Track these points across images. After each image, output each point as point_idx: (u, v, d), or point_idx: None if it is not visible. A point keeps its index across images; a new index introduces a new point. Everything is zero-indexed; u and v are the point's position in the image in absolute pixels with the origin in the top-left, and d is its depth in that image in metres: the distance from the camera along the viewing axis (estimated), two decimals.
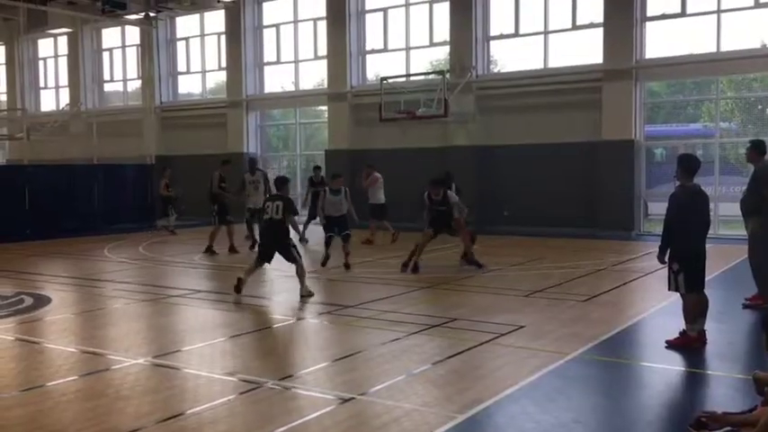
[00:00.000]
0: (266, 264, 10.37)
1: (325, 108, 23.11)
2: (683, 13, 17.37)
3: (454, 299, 9.70)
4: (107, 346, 7.43)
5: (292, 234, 10.33)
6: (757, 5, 16.54)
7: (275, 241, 10.24)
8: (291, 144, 25.22)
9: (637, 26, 17.66)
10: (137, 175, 22.61)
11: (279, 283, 11.07)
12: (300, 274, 10.13)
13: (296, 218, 10.54)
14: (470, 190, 19.52)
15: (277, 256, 10.15)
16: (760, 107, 21.85)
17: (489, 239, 17.14)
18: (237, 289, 9.86)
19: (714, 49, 17.03)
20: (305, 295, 9.97)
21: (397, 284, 10.80)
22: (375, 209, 16.85)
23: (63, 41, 28.91)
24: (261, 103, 24.45)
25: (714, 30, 16.95)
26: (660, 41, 17.78)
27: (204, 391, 5.78)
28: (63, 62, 29.21)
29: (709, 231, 7.26)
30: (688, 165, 7.02)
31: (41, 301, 9.85)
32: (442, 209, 12.35)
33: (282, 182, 10.77)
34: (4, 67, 30.96)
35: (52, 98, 30.24)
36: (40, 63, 30.55)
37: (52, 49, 29.87)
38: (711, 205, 7.46)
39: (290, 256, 10.15)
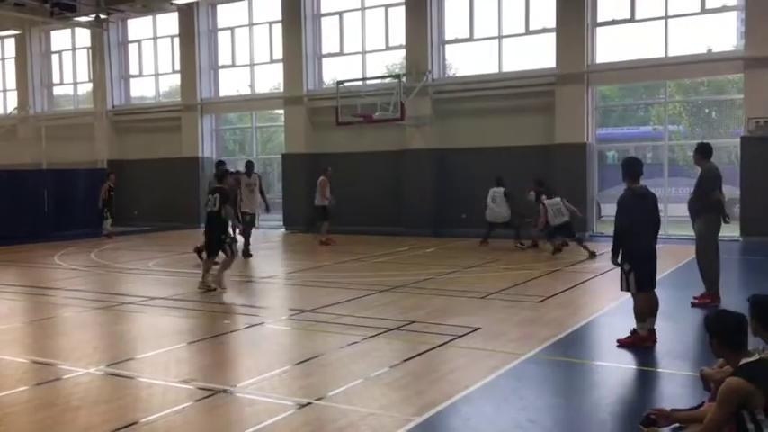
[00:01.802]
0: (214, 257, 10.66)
1: (281, 112, 22.99)
2: (632, 19, 17.78)
3: (411, 302, 9.74)
4: (57, 356, 7.26)
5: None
6: (704, 11, 17.02)
7: (212, 234, 10.54)
8: (248, 148, 25.02)
9: (588, 31, 18.01)
10: (88, 181, 22.15)
11: (235, 288, 10.96)
12: (222, 268, 10.46)
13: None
14: (427, 193, 19.73)
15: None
16: (707, 110, 22.49)
17: (446, 242, 17.29)
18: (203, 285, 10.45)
19: (662, 54, 17.46)
20: (200, 288, 10.43)
21: (353, 288, 10.80)
22: (319, 210, 17.01)
23: (10, 43, 28.18)
24: (216, 107, 24.19)
25: (662, 35, 17.39)
26: (611, 46, 18.18)
27: (158, 400, 5.69)
28: (10, 65, 28.48)
29: (660, 232, 7.44)
30: (630, 168, 7.19)
31: None
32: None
33: (222, 174, 11.02)
34: None
35: None
36: None
37: None
38: (660, 206, 7.65)
39: (222, 249, 10.50)
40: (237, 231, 12.61)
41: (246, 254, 14.52)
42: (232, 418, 5.27)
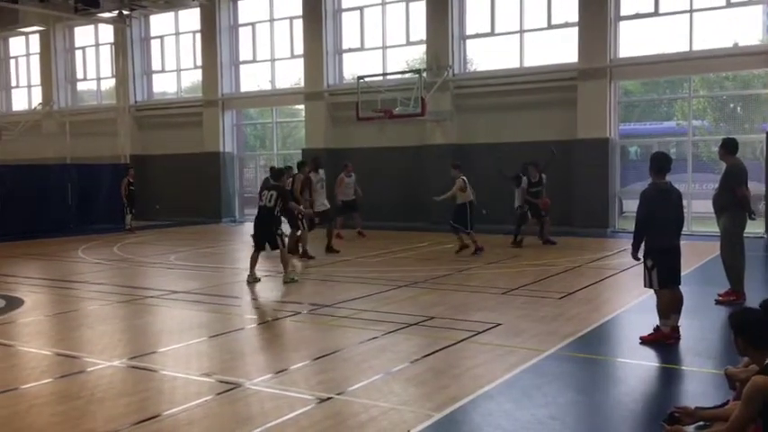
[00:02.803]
0: (261, 251, 11.17)
1: (301, 107, 23.04)
2: (656, 13, 17.58)
3: (431, 297, 9.73)
4: (81, 349, 7.34)
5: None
6: (729, 5, 16.78)
7: (264, 228, 11.00)
8: (268, 143, 25.11)
9: (611, 25, 17.83)
10: (111, 175, 22.34)
11: (257, 282, 11.01)
12: (284, 261, 10.90)
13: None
14: (448, 188, 19.61)
15: None
16: (732, 105, 22.19)
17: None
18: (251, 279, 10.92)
19: (687, 48, 17.25)
20: (286, 281, 10.74)
21: (374, 283, 10.80)
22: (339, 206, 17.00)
23: (35, 40, 28.50)
24: (237, 102, 24.30)
25: (687, 29, 17.17)
26: (634, 41, 17.98)
27: (180, 393, 5.74)
28: (35, 61, 28.80)
29: (683, 228, 7.36)
30: (658, 163, 7.11)
31: (14, 303, 9.71)
32: (539, 189, 14.84)
33: (279, 173, 11.75)
34: None
35: (24, 97, 29.79)
36: (12, 62, 30.09)
37: (24, 47, 29.44)
38: (684, 202, 7.56)
39: (275, 243, 10.94)
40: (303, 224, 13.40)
41: (306, 254, 13.56)
42: (253, 411, 5.29)
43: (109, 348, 7.23)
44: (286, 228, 12.35)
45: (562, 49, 18.49)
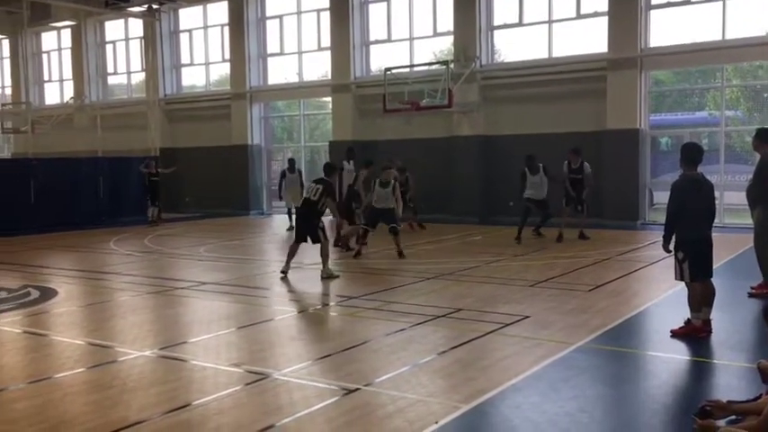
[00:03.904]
0: (302, 243, 11.04)
1: (329, 99, 23.09)
2: (688, 1, 17.29)
3: (459, 289, 9.71)
4: (114, 339, 7.47)
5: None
6: None
7: (306, 221, 10.93)
8: (296, 135, 25.22)
9: (641, 14, 17.56)
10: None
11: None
12: (324, 254, 10.73)
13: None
14: (475, 180, 19.60)
15: None
16: (766, 95, 21.71)
17: (494, 230, 17.17)
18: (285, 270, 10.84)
19: (719, 37, 16.93)
20: (324, 276, 10.58)
21: (401, 275, 10.81)
22: None
23: (66, 34, 28.91)
24: (265, 95, 24.43)
25: (719, 17, 16.85)
26: (665, 30, 17.69)
27: (210, 383, 5.81)
28: (67, 55, 29.23)
29: (715, 220, 7.25)
30: (690, 154, 7.01)
31: (48, 293, 9.90)
32: (579, 177, 14.25)
33: (331, 169, 11.86)
34: (8, 61, 31.04)
35: (56, 91, 30.26)
36: (44, 56, 30.56)
37: (56, 42, 29.88)
38: (717, 194, 7.44)
39: (316, 237, 10.82)
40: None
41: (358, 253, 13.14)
42: (282, 401, 5.34)
43: (140, 338, 7.34)
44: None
45: (591, 38, 18.27)
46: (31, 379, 6.04)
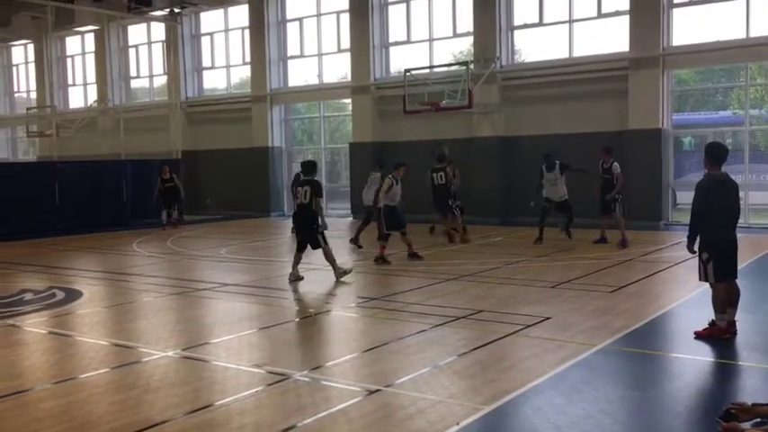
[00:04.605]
0: (305, 250, 10.75)
1: (348, 101, 23.14)
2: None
3: (479, 290, 9.68)
4: (137, 339, 7.55)
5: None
6: None
7: (304, 227, 10.62)
8: (316, 137, 25.30)
9: (663, 13, 17.39)
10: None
11: (305, 274, 11.12)
12: (329, 259, 10.51)
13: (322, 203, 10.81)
14: (495, 181, 19.53)
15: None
16: None
17: (514, 230, 17.09)
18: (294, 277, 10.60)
19: (743, 35, 16.72)
20: (340, 277, 10.46)
21: (422, 276, 10.81)
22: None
23: (90, 39, 29.27)
24: (285, 97, 24.54)
25: (743, 15, 16.64)
26: (688, 28, 17.51)
27: (232, 383, 5.86)
28: (90, 59, 29.58)
29: (740, 220, 7.16)
30: (714, 153, 6.93)
31: (73, 295, 10.03)
32: (608, 177, 13.68)
33: (309, 166, 10.95)
34: (33, 66, 31.47)
35: (80, 95, 30.65)
36: (68, 60, 30.97)
37: (80, 46, 30.26)
38: (741, 194, 7.35)
39: (316, 243, 10.48)
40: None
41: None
42: (303, 402, 5.36)
43: (163, 339, 7.41)
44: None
45: (613, 38, 18.13)
46: (56, 379, 6.13)
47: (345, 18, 22.29)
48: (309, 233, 10.56)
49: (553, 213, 14.64)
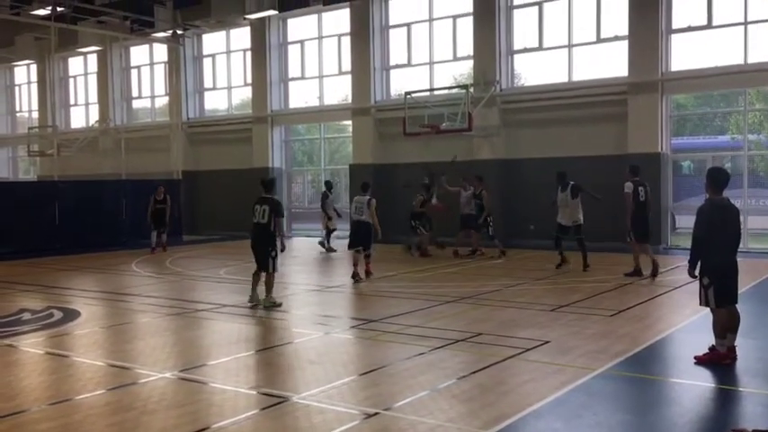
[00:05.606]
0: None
1: (349, 123, 23.24)
2: (709, 25, 17.23)
3: (479, 313, 9.66)
4: (135, 360, 7.51)
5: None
6: None
7: (261, 246, 10.25)
8: (316, 159, 25.38)
9: (662, 38, 17.54)
10: (165, 190, 22.75)
11: (303, 297, 11.10)
12: (268, 284, 10.19)
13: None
14: (496, 203, 19.53)
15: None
16: None
17: (515, 253, 17.07)
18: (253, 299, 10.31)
19: (741, 61, 16.85)
20: (267, 305, 10.11)
21: (421, 299, 10.78)
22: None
23: (93, 59, 29.46)
24: (286, 119, 24.65)
25: (741, 41, 16.79)
26: (686, 54, 17.64)
27: (230, 406, 5.81)
28: (93, 80, 29.75)
29: (739, 245, 7.16)
30: (716, 178, 6.94)
31: (71, 315, 9.99)
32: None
33: (271, 184, 10.73)
34: (35, 86, 31.64)
35: (82, 115, 30.78)
36: (71, 81, 31.15)
37: (82, 67, 30.46)
38: (740, 218, 7.36)
39: (266, 265, 10.16)
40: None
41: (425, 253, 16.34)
42: (300, 425, 5.33)
43: (161, 360, 7.37)
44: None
45: (612, 62, 18.26)
46: (52, 400, 6.09)
47: (346, 41, 22.47)
48: (263, 254, 10.20)
49: (571, 236, 14.09)
